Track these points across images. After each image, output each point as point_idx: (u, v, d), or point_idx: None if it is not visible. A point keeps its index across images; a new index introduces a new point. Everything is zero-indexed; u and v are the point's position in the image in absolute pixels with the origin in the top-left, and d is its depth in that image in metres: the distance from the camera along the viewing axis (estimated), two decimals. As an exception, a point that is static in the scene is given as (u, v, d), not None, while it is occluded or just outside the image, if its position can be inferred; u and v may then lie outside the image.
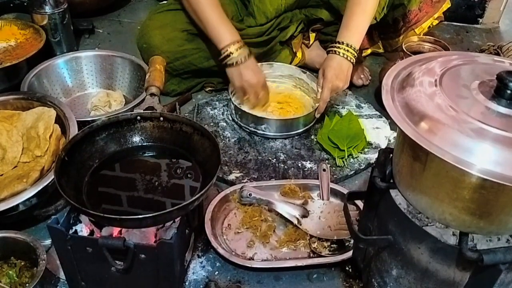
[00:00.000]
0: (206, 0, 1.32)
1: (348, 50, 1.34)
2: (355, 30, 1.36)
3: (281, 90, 1.53)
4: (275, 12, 1.49)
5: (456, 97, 0.68)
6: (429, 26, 1.65)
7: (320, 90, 1.37)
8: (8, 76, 1.39)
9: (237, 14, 1.51)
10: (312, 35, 1.66)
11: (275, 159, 1.32)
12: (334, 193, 1.18)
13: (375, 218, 0.86)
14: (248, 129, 1.39)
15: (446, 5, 1.63)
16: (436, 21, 1.65)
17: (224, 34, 1.31)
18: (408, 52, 1.42)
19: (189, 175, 0.99)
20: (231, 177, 1.25)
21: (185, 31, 1.45)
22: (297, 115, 1.38)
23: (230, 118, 1.44)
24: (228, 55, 1.31)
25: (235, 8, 1.51)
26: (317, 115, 1.40)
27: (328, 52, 1.38)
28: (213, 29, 1.32)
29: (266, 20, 1.50)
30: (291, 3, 1.50)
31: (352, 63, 1.36)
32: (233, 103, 1.39)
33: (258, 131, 1.37)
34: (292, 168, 1.29)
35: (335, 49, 1.35)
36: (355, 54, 1.35)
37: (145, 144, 1.05)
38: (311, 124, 1.41)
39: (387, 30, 1.70)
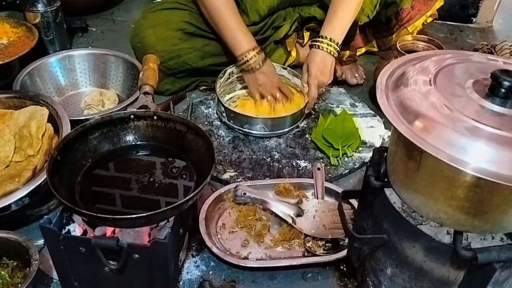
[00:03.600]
0: (225, 6, 1.34)
1: (330, 45, 1.35)
2: (338, 24, 1.37)
3: None
4: (267, 10, 1.49)
5: (450, 96, 0.68)
6: (423, 23, 1.65)
7: (305, 86, 1.39)
8: (0, 74, 1.38)
9: None
10: (306, 34, 1.66)
11: (269, 158, 1.31)
12: (329, 192, 1.18)
13: (370, 217, 0.86)
14: (234, 128, 1.38)
15: (439, 3, 1.64)
16: (430, 19, 1.65)
17: (242, 41, 1.34)
18: (402, 51, 1.42)
19: (183, 174, 0.99)
20: (226, 176, 1.24)
21: (179, 30, 1.44)
22: (284, 113, 1.38)
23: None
24: (245, 62, 1.34)
25: None
26: (307, 111, 1.42)
27: (311, 47, 1.39)
28: (231, 36, 1.35)
29: (259, 18, 1.50)
30: (283, 0, 1.50)
31: (335, 57, 1.37)
32: (219, 98, 1.39)
33: (244, 130, 1.37)
34: (287, 167, 1.29)
35: (318, 43, 1.36)
36: (338, 49, 1.37)
37: (138, 143, 1.04)
38: (298, 122, 1.41)
39: (380, 29, 1.70)
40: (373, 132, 1.42)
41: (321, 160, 1.31)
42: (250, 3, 1.48)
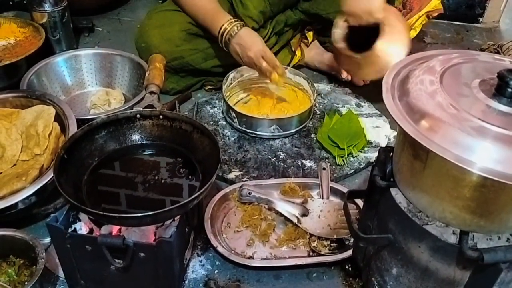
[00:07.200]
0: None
1: None
2: None
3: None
4: (262, 15, 1.48)
5: (457, 95, 0.68)
6: (428, 17, 1.59)
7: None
8: (7, 74, 1.38)
9: (232, 14, 1.50)
10: (310, 34, 1.66)
11: (274, 158, 1.32)
12: (334, 192, 1.17)
13: (375, 216, 0.86)
14: (240, 129, 1.38)
15: (435, 1, 1.58)
16: (434, 14, 1.59)
17: (220, 18, 1.34)
18: None
19: (188, 174, 0.99)
20: (231, 175, 1.25)
21: (183, 31, 1.44)
22: (289, 114, 1.38)
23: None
24: (224, 32, 1.32)
25: (229, 10, 1.50)
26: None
27: None
28: (210, 18, 1.36)
29: (257, 25, 1.49)
30: (276, 2, 1.49)
31: None
32: (225, 102, 1.39)
33: (258, 133, 1.37)
34: (292, 167, 1.29)
35: None
36: None
37: (144, 142, 1.05)
38: (306, 122, 1.41)
39: None
40: (378, 132, 1.42)
41: (327, 160, 1.31)
42: (242, 12, 1.47)
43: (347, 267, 1.04)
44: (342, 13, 1.32)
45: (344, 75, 1.61)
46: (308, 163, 1.30)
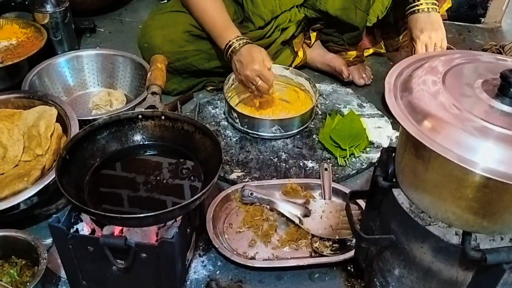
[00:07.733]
0: (212, 6, 1.36)
1: (427, 3, 1.32)
2: None
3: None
4: (271, 14, 1.48)
5: (459, 96, 0.67)
6: None
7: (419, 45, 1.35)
8: (9, 74, 1.39)
9: (237, 14, 1.51)
10: (313, 35, 1.66)
11: (276, 158, 1.31)
12: (336, 192, 1.17)
13: (377, 217, 0.85)
14: (242, 129, 1.38)
15: (447, 5, 1.62)
16: None
17: (228, 34, 1.33)
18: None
19: (190, 174, 0.99)
20: (233, 176, 1.25)
21: (186, 32, 1.44)
22: (291, 115, 1.38)
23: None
24: (230, 46, 1.31)
25: (235, 9, 1.50)
26: None
27: (408, 15, 1.35)
28: (218, 31, 1.35)
29: (264, 23, 1.48)
30: (286, 2, 1.49)
31: (438, 12, 1.33)
32: (227, 102, 1.39)
33: (260, 133, 1.36)
34: (294, 168, 1.28)
35: (415, 8, 1.33)
36: (436, 3, 1.33)
37: (146, 143, 1.05)
38: (308, 123, 1.41)
39: (388, 30, 1.69)
40: (380, 133, 1.42)
41: (328, 161, 1.31)
42: (252, 10, 1.47)
43: (349, 267, 1.04)
44: (410, 39, 1.38)
45: (346, 75, 1.61)
46: (310, 164, 1.30)
